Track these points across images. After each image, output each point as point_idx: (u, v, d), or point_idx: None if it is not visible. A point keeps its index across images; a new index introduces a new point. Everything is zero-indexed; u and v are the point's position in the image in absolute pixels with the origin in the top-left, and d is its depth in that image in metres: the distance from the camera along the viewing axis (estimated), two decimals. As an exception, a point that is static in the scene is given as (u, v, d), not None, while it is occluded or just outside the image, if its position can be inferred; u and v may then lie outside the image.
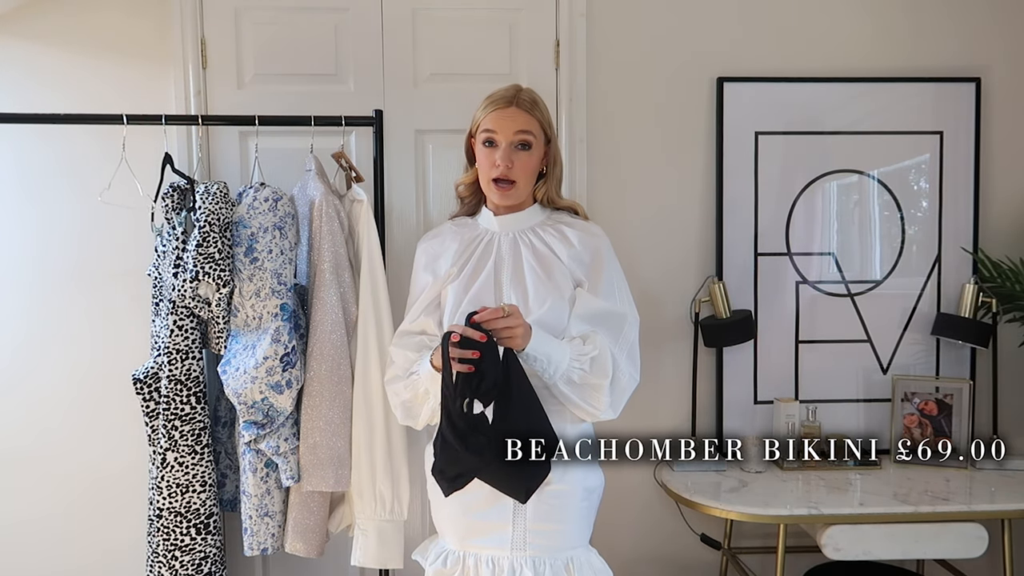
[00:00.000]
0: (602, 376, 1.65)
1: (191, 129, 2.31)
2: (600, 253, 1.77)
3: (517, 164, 1.73)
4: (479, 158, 1.78)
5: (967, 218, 2.49)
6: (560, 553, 1.69)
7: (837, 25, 2.47)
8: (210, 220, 1.92)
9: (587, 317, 1.70)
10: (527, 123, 1.74)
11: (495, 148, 1.74)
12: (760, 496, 2.14)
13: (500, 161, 1.72)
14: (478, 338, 1.53)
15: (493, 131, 1.74)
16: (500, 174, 1.73)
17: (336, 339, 1.96)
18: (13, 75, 2.30)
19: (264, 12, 2.35)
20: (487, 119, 1.75)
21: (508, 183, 1.74)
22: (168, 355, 1.94)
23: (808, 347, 2.50)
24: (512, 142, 1.73)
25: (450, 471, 1.61)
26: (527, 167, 1.75)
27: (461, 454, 1.57)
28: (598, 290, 1.73)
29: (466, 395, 1.55)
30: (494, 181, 1.74)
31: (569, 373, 1.63)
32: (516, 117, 1.73)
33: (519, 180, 1.75)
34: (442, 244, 1.85)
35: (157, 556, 1.96)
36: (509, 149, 1.73)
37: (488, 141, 1.75)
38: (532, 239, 1.79)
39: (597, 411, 1.67)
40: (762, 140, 2.46)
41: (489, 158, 1.75)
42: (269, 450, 1.93)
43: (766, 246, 2.48)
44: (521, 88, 1.78)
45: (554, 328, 1.68)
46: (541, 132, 1.77)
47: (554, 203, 1.84)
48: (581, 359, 1.64)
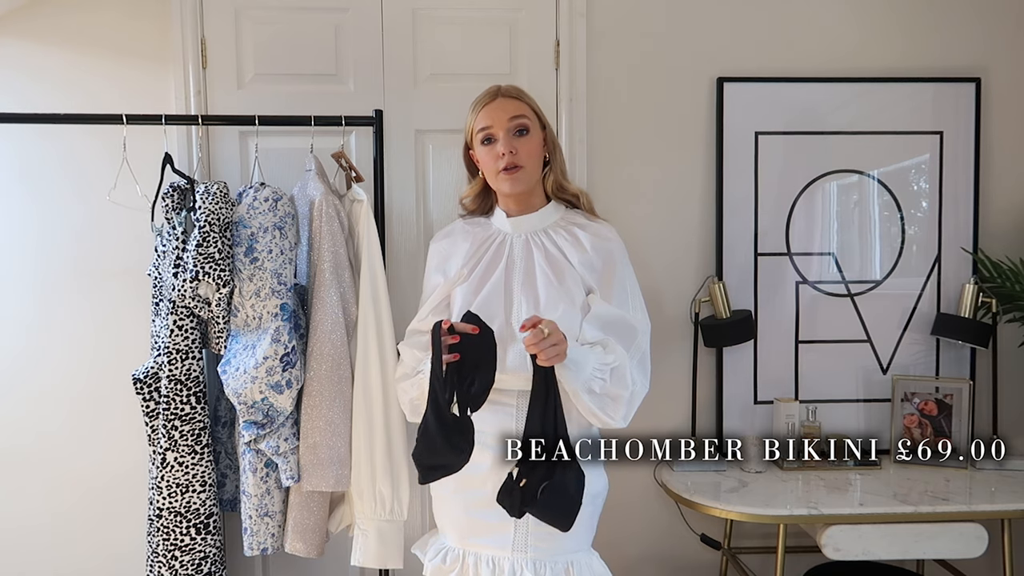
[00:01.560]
0: (622, 387, 1.65)
1: (191, 129, 2.31)
2: (613, 258, 1.75)
3: (521, 149, 1.72)
4: (482, 158, 1.77)
5: (967, 218, 2.49)
6: (561, 556, 1.68)
7: (837, 25, 2.47)
8: (210, 220, 1.92)
9: (600, 323, 1.69)
10: (518, 108, 1.74)
11: (495, 143, 1.73)
12: (760, 496, 2.14)
13: (503, 150, 1.71)
14: (470, 330, 1.55)
15: (488, 125, 1.73)
16: (507, 163, 1.71)
17: (336, 339, 1.96)
18: (13, 75, 2.30)
19: (264, 12, 2.35)
20: (479, 118, 1.75)
21: (515, 167, 1.72)
22: (168, 355, 1.94)
23: (808, 347, 2.50)
24: (509, 129, 1.72)
25: (426, 460, 1.62)
26: (530, 151, 1.73)
27: (440, 447, 1.58)
28: (610, 297, 1.71)
29: (453, 387, 1.56)
30: (503, 171, 1.72)
31: (591, 383, 1.62)
32: (505, 105, 1.73)
33: (526, 164, 1.73)
34: (453, 244, 1.83)
35: (157, 556, 1.96)
36: (508, 136, 1.72)
37: (487, 138, 1.74)
38: (544, 242, 1.77)
39: (612, 421, 1.66)
40: (762, 140, 2.46)
41: (491, 153, 1.73)
42: (269, 450, 1.93)
43: (766, 246, 2.48)
44: (502, 84, 1.79)
45: (564, 333, 1.68)
46: (534, 116, 1.76)
47: (563, 189, 1.81)
48: (603, 369, 1.63)
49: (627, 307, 1.73)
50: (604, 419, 1.66)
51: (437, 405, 1.58)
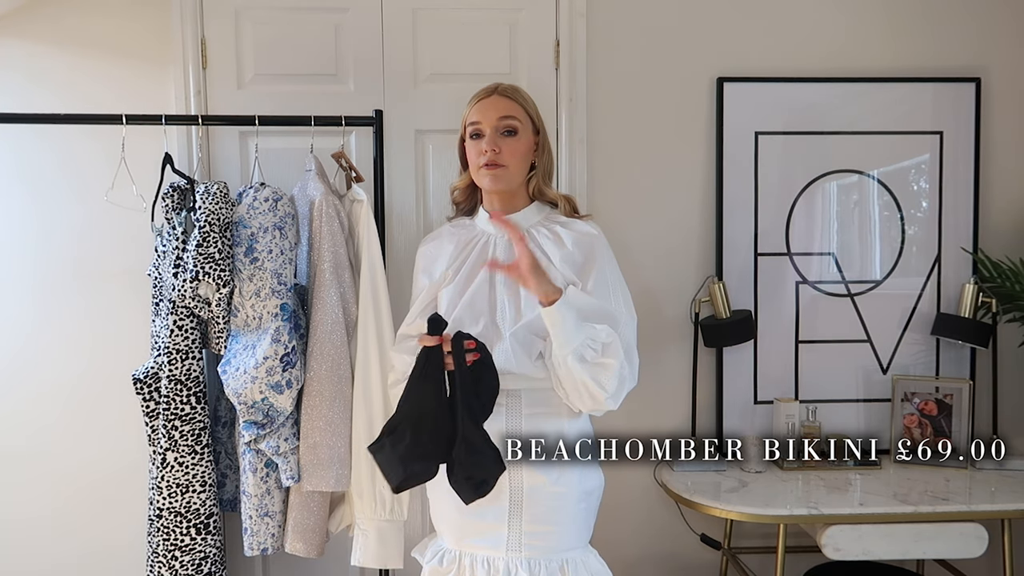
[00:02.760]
0: (613, 356, 1.59)
1: (191, 129, 2.31)
2: (593, 252, 1.73)
3: (505, 149, 1.71)
4: (468, 152, 1.78)
5: (967, 218, 2.49)
6: (556, 555, 1.68)
7: (837, 25, 2.47)
8: (210, 220, 1.92)
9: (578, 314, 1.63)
10: (509, 108, 1.73)
11: (481, 139, 1.73)
12: (760, 496, 2.14)
13: (486, 147, 1.71)
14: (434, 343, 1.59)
15: (477, 122, 1.74)
16: (488, 160, 1.70)
17: (336, 339, 1.96)
18: (13, 76, 2.30)
19: (264, 12, 2.35)
20: (471, 112, 1.76)
21: (495, 165, 1.71)
22: (168, 355, 1.94)
23: (808, 347, 2.50)
24: (497, 128, 1.72)
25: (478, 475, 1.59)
26: (516, 152, 1.73)
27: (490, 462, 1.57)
28: (589, 289, 1.68)
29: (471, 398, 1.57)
30: (485, 166, 1.71)
31: (582, 350, 1.57)
32: (498, 103, 1.73)
33: (508, 164, 1.72)
34: (439, 247, 1.83)
35: (157, 556, 1.96)
36: (494, 135, 1.71)
37: (474, 133, 1.75)
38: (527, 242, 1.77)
39: (604, 394, 1.59)
40: (762, 140, 2.46)
41: (476, 148, 1.74)
42: (269, 450, 1.93)
43: (766, 246, 2.48)
44: (502, 83, 1.79)
45: (544, 333, 1.67)
46: (527, 118, 1.76)
47: (543, 194, 1.80)
48: (594, 342, 1.58)
49: (608, 300, 1.68)
50: (596, 391, 1.59)
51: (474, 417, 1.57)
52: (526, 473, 1.67)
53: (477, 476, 1.58)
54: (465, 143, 1.80)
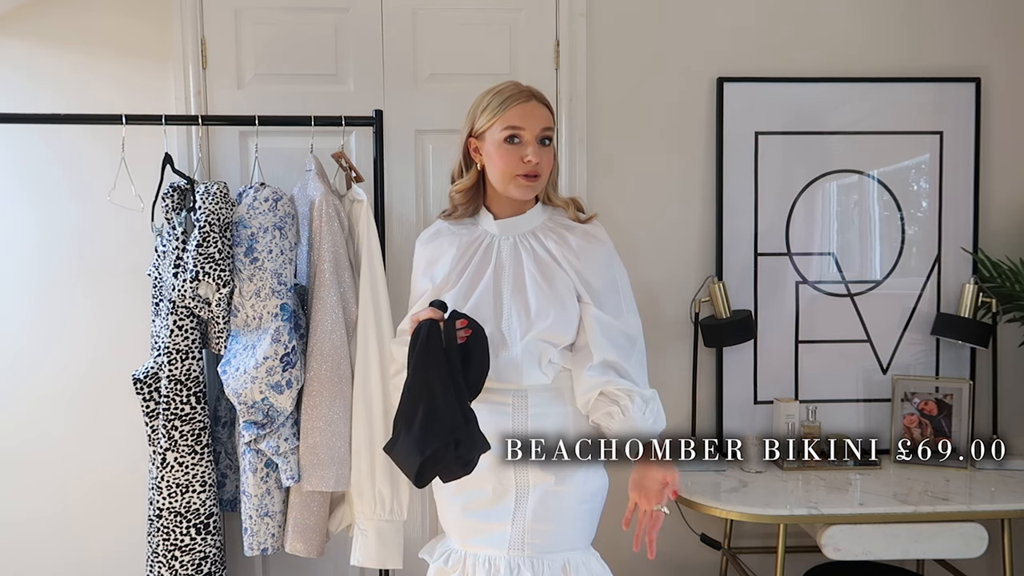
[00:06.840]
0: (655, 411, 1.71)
1: (191, 129, 2.31)
2: (603, 260, 1.73)
3: (543, 160, 1.70)
4: (499, 156, 1.69)
5: (967, 218, 2.49)
6: (558, 555, 1.68)
7: (837, 25, 2.47)
8: (210, 220, 1.92)
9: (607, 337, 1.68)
10: (548, 119, 1.72)
11: (520, 145, 1.68)
12: (760, 496, 2.14)
13: (532, 157, 1.67)
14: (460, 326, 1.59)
15: (520, 127, 1.68)
16: (531, 170, 1.68)
17: (336, 339, 1.96)
18: (13, 75, 2.30)
19: (264, 12, 2.35)
20: (510, 114, 1.68)
21: (535, 176, 1.70)
22: (168, 355, 1.94)
23: (808, 347, 2.50)
24: (539, 137, 1.69)
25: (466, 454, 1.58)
26: (549, 162, 1.73)
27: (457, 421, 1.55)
28: (604, 302, 1.69)
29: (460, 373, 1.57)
30: (523, 176, 1.69)
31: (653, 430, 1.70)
32: (538, 112, 1.70)
33: (543, 174, 1.71)
34: (439, 248, 1.79)
35: (157, 556, 1.96)
36: (537, 145, 1.69)
37: (513, 137, 1.68)
38: (533, 244, 1.74)
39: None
40: (762, 140, 2.46)
41: (514, 154, 1.68)
42: (269, 450, 1.93)
43: (766, 246, 2.48)
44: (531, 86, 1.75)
45: (557, 341, 1.68)
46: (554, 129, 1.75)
47: (552, 200, 1.80)
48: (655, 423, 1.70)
49: (620, 309, 1.71)
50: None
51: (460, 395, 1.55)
52: (532, 472, 1.67)
53: (465, 455, 1.57)
54: (475, 144, 1.74)
